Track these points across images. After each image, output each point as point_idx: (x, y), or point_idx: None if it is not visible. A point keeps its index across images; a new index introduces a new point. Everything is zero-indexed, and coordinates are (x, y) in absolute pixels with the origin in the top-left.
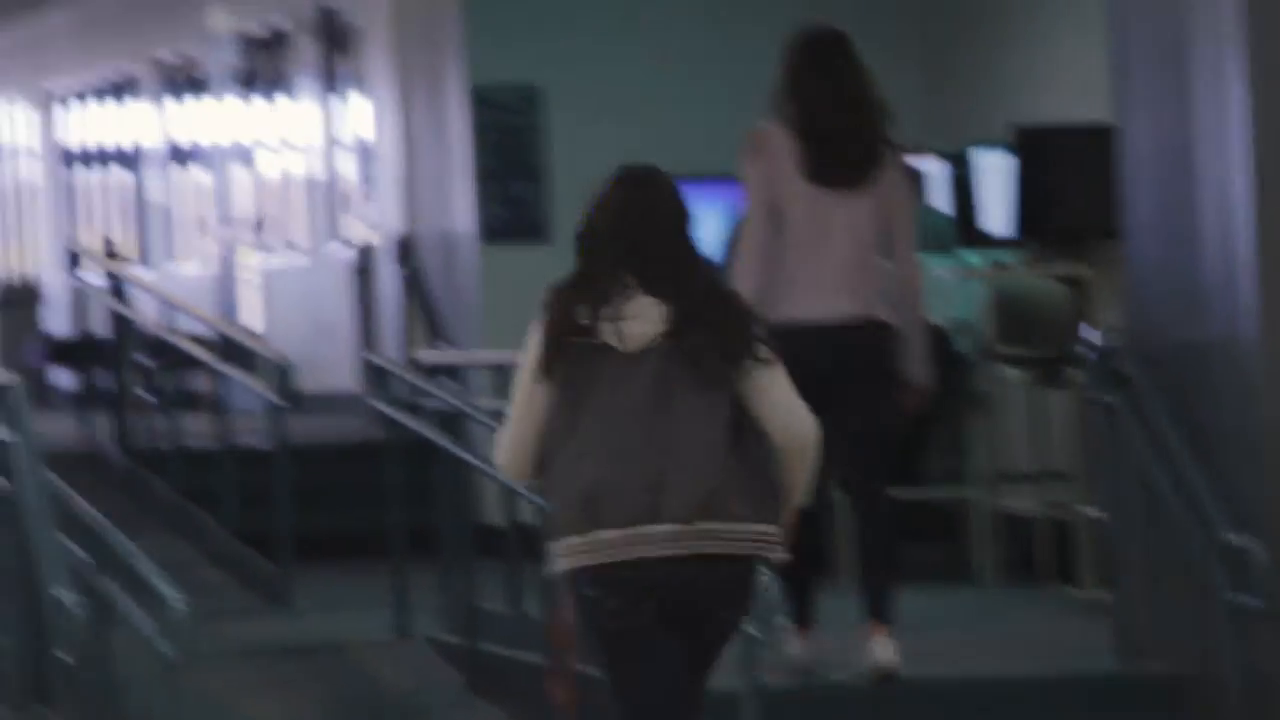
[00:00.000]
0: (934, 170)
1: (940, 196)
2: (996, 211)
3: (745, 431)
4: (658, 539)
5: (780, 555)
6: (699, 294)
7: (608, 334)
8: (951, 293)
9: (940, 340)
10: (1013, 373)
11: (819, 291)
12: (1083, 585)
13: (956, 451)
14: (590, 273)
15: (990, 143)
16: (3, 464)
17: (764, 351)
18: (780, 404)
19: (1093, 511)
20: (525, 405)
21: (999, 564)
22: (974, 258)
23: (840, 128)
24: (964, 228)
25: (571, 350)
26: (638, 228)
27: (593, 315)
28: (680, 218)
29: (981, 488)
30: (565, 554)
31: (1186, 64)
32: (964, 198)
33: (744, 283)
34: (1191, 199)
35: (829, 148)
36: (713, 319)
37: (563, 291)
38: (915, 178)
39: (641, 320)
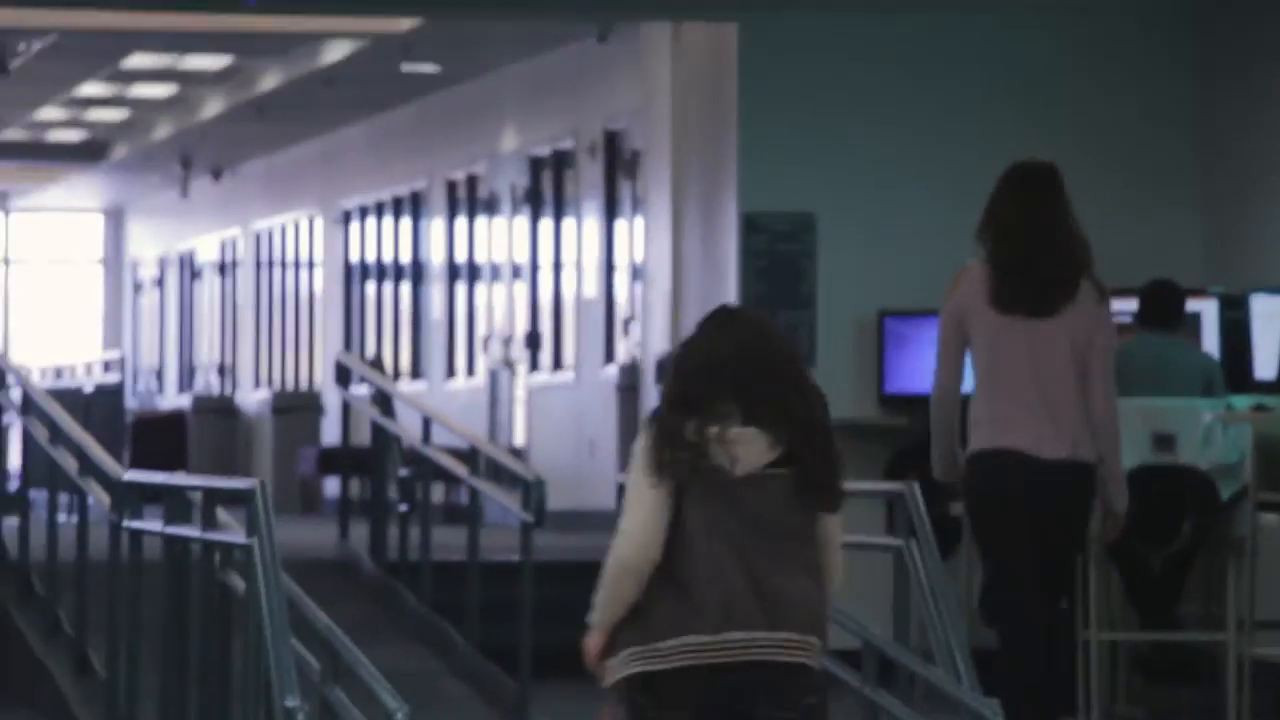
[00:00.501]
0: (1209, 313)
1: (1212, 340)
2: (1270, 357)
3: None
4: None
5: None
6: (810, 430)
7: (718, 455)
8: (1216, 437)
9: (1204, 485)
10: (1273, 518)
11: (1006, 422)
12: None
13: (1214, 596)
14: (697, 397)
15: (1270, 288)
16: (243, 568)
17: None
18: (838, 560)
19: None
20: (647, 506)
21: (1252, 711)
22: (1242, 401)
23: (1029, 255)
24: (1235, 372)
25: (692, 469)
26: (754, 363)
27: (701, 437)
28: (790, 355)
29: (1236, 633)
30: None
31: None
32: (1238, 342)
33: (934, 414)
34: None
35: (1016, 275)
36: (824, 455)
37: (675, 412)
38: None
39: (753, 446)
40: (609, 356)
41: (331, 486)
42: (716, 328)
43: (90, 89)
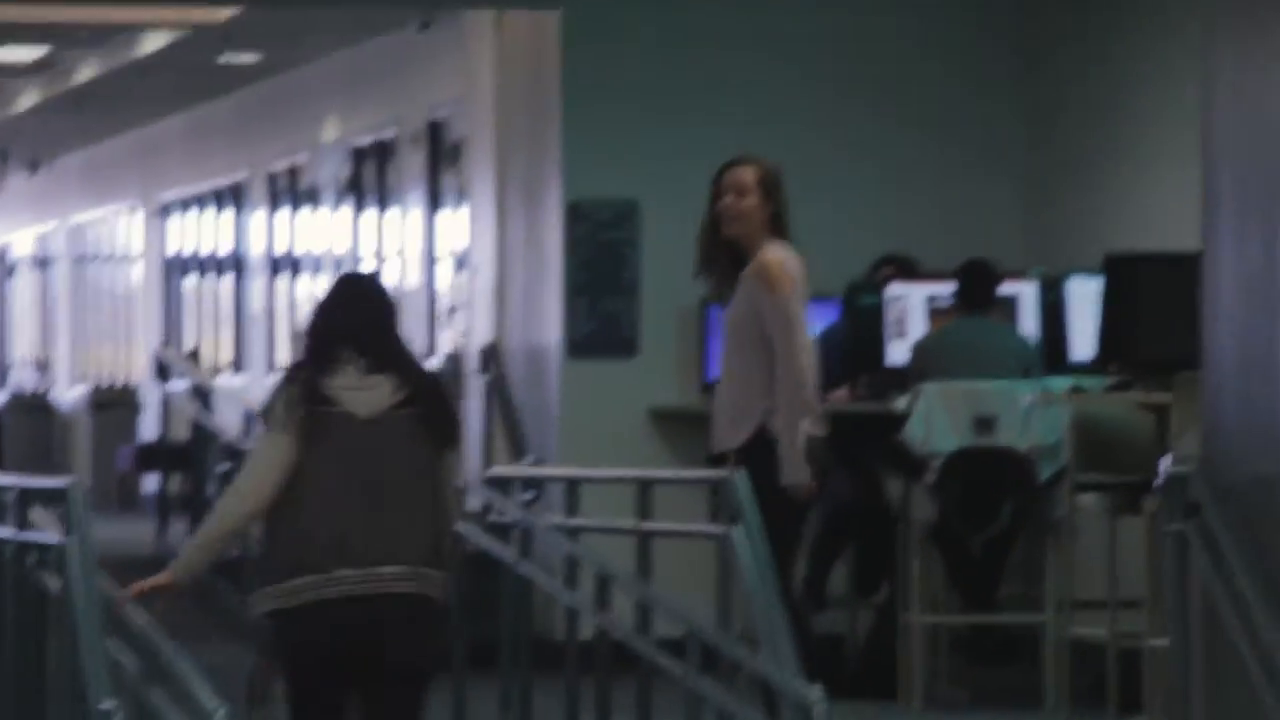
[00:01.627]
0: (1028, 295)
1: (1030, 322)
2: (1086, 338)
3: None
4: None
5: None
6: (422, 375)
7: (347, 402)
8: (1034, 419)
9: (1023, 466)
10: (1090, 499)
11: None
12: (1151, 715)
13: (1033, 577)
14: (325, 351)
15: (1085, 270)
16: (58, 567)
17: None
18: (456, 496)
19: (1161, 642)
20: (269, 459)
21: (1070, 691)
22: (1059, 383)
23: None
24: (1053, 354)
25: (318, 417)
26: (368, 317)
27: (328, 386)
28: (395, 311)
29: (1055, 614)
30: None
31: (1275, 200)
32: (1055, 323)
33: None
34: (1273, 333)
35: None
36: (438, 397)
37: (305, 366)
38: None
39: (377, 391)
40: (432, 347)
41: (150, 483)
42: (341, 291)
43: None
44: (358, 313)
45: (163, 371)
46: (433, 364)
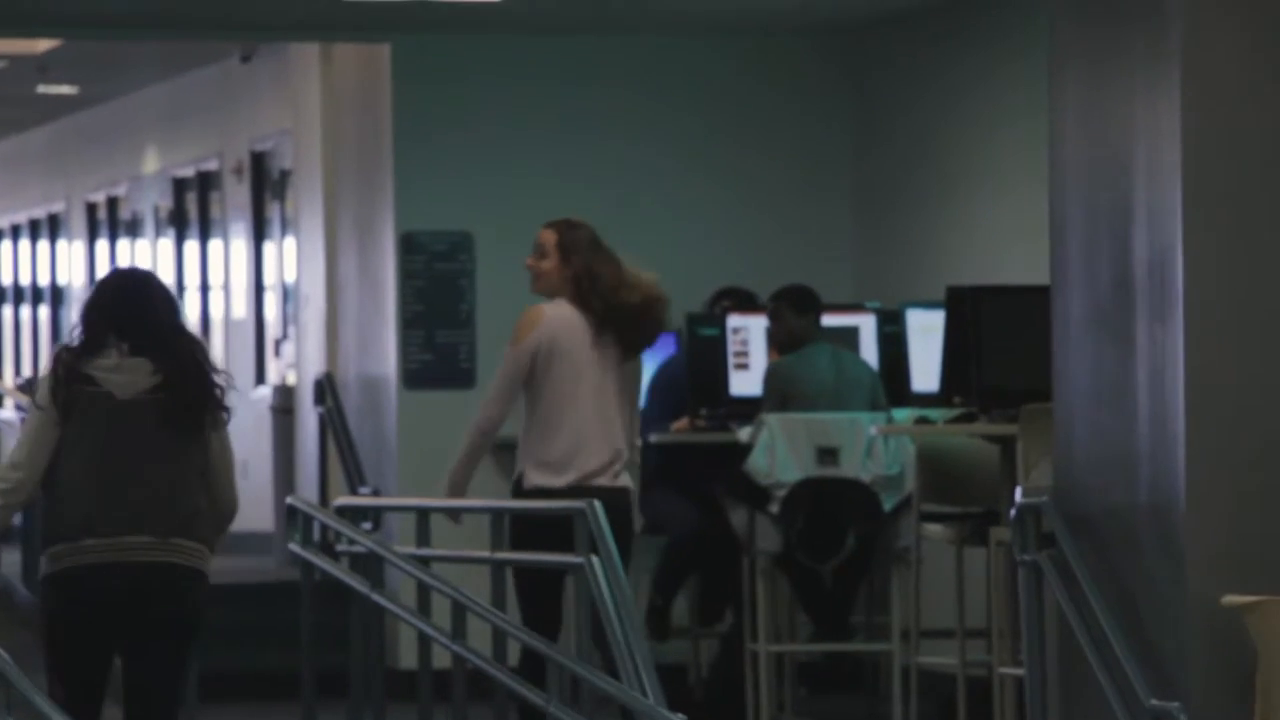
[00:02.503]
0: (867, 327)
1: (871, 354)
2: (927, 370)
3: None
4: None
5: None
6: (182, 361)
7: (105, 383)
8: (878, 450)
9: (867, 497)
10: (936, 529)
11: None
12: None
13: (877, 606)
14: (92, 336)
15: (923, 303)
16: None
17: (223, 416)
18: (227, 473)
19: (1012, 670)
20: (36, 434)
21: (918, 718)
22: (902, 414)
23: None
24: (894, 385)
25: (77, 396)
26: (132, 304)
27: (90, 366)
28: (166, 300)
29: (902, 643)
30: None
31: (1126, 232)
32: (896, 356)
33: None
34: (1124, 362)
35: None
36: (196, 381)
37: (71, 349)
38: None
39: (135, 375)
40: (260, 378)
41: None
42: (110, 282)
43: None
44: (124, 302)
45: None
46: (262, 395)
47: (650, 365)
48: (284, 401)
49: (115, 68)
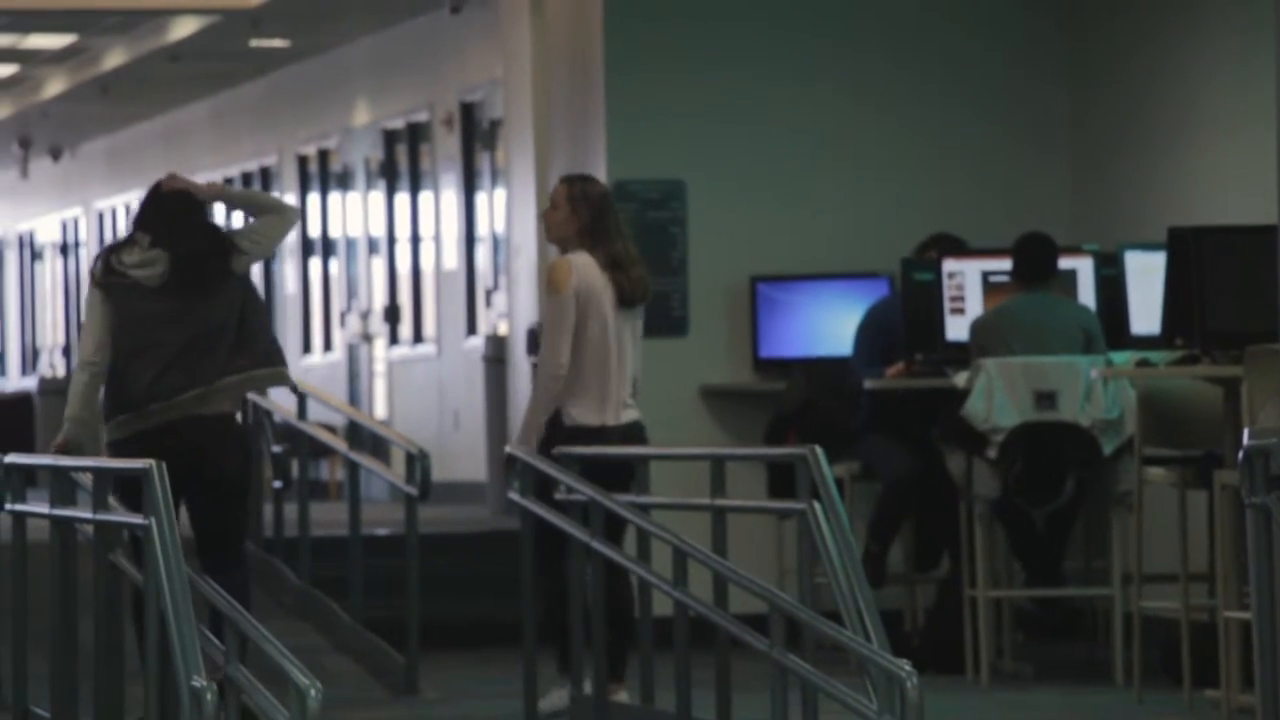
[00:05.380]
0: (1085, 270)
1: (1088, 296)
2: (1148, 313)
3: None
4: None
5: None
6: (190, 249)
7: (134, 275)
8: (1097, 393)
9: (1086, 441)
10: (1158, 472)
11: None
12: (1226, 690)
13: (1096, 551)
14: (130, 236)
15: (1144, 245)
16: (130, 550)
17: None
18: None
19: (1238, 615)
20: (96, 318)
21: (1139, 666)
22: (1121, 357)
23: None
24: (1113, 328)
25: (113, 287)
26: (147, 203)
27: (122, 262)
28: (192, 204)
29: (1124, 588)
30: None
31: None
32: (1114, 298)
33: None
34: None
35: None
36: (201, 259)
37: (109, 249)
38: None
39: (155, 267)
40: (471, 329)
41: None
42: (149, 194)
43: None
44: (154, 207)
45: None
46: (474, 345)
47: (858, 309)
48: (496, 351)
49: (326, 21)
